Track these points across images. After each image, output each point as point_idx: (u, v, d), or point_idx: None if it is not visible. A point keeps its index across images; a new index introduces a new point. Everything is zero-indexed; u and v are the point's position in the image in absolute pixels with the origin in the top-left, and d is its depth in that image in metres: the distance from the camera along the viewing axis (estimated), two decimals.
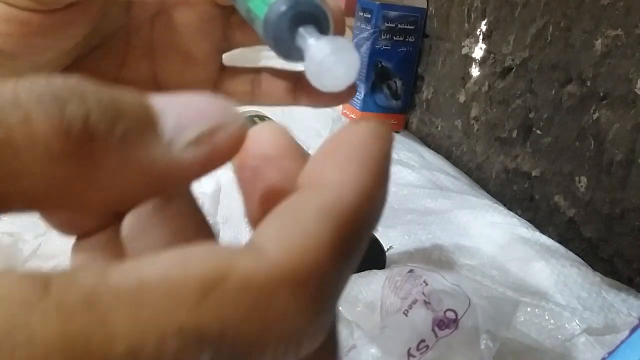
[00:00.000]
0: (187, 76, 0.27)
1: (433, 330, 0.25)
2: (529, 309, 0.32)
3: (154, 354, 0.08)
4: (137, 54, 0.26)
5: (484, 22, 0.60)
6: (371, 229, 0.10)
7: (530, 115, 0.52)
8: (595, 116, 0.44)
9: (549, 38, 0.49)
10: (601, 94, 0.43)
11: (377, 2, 0.71)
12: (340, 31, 0.22)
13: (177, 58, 0.27)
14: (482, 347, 0.26)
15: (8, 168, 0.08)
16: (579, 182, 0.45)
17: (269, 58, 0.22)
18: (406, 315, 0.25)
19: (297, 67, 0.19)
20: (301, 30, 0.18)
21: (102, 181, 0.09)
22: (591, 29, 0.44)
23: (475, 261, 0.40)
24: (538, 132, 0.51)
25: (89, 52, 0.25)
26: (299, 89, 0.27)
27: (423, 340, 0.24)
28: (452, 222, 0.46)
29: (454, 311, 0.26)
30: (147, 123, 0.10)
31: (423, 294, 0.26)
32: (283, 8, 0.17)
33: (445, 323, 0.25)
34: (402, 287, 0.27)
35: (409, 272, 0.28)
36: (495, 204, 0.50)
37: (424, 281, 0.27)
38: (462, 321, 0.26)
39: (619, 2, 0.41)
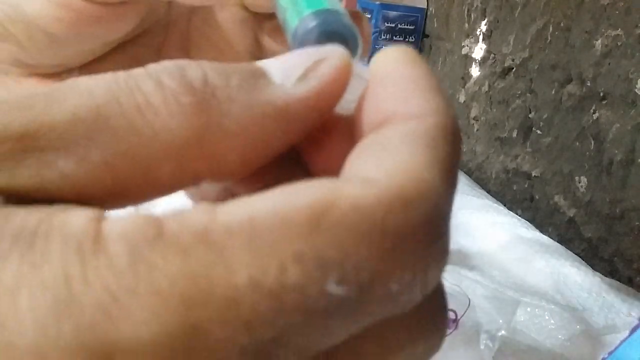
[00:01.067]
0: None
1: None
2: (529, 309, 0.32)
3: (276, 282, 0.08)
4: (173, 44, 0.28)
5: (484, 22, 0.60)
6: (459, 140, 0.11)
7: (530, 115, 0.52)
8: (595, 116, 0.44)
9: (549, 38, 0.49)
10: (601, 94, 0.43)
11: (377, 2, 0.71)
12: (366, 53, 0.23)
13: (209, 53, 0.28)
14: (482, 347, 0.26)
15: (152, 128, 0.10)
16: (579, 182, 0.45)
17: None
18: None
19: None
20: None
21: (232, 128, 0.10)
22: (591, 29, 0.44)
23: (475, 261, 0.40)
24: (538, 132, 0.51)
25: (131, 38, 0.26)
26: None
27: None
28: (452, 222, 0.46)
29: (453, 311, 0.26)
30: (258, 73, 0.11)
31: None
32: (312, 25, 0.18)
33: None
34: None
35: None
36: (496, 204, 0.50)
37: None
38: (462, 321, 0.26)
39: (619, 2, 0.41)
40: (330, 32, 0.18)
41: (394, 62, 0.12)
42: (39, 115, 0.10)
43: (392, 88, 0.11)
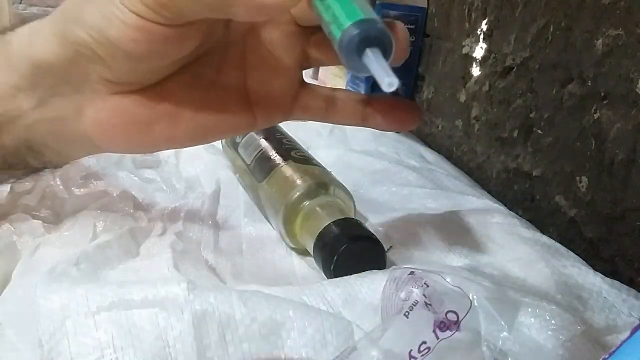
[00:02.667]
0: (271, 86, 0.32)
1: (434, 331, 0.25)
2: (529, 310, 0.32)
3: None
4: (231, 63, 0.31)
5: (484, 22, 0.60)
6: None
7: (531, 115, 0.52)
8: (596, 116, 0.44)
9: (550, 37, 0.49)
10: (602, 94, 0.43)
11: (377, 2, 0.71)
12: (403, 54, 0.28)
13: (263, 69, 0.32)
14: (484, 348, 0.26)
15: None
16: (580, 182, 0.45)
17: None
18: (407, 317, 0.25)
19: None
20: (367, 51, 0.22)
21: None
22: (592, 28, 0.44)
23: (476, 261, 0.40)
24: (539, 132, 0.51)
25: (194, 59, 0.31)
26: (369, 111, 0.32)
27: (424, 342, 0.24)
28: (452, 222, 0.45)
29: (455, 313, 0.26)
30: None
31: (424, 295, 0.26)
32: (354, 33, 0.22)
33: (446, 324, 0.25)
34: (402, 289, 0.27)
35: (409, 274, 0.28)
36: (496, 204, 0.50)
37: (424, 283, 0.27)
38: (463, 323, 0.26)
39: (619, 2, 0.41)
40: (369, 38, 0.22)
41: None
42: None
43: None
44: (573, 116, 0.46)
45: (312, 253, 0.37)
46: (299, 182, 0.41)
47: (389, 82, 0.22)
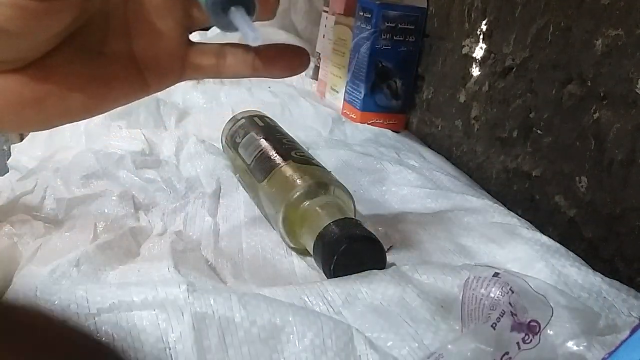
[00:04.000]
0: (157, 49, 0.32)
1: (517, 343, 0.25)
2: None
3: None
4: (115, 31, 0.31)
5: (484, 22, 0.60)
6: None
7: (531, 115, 0.52)
8: (595, 116, 0.44)
9: (550, 38, 0.49)
10: (602, 94, 0.43)
11: (377, 2, 0.71)
12: (269, 12, 0.30)
13: (147, 33, 0.31)
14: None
15: None
16: (580, 182, 0.45)
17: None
18: (494, 329, 0.25)
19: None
20: (232, 9, 0.24)
21: None
22: (592, 28, 0.44)
23: (476, 261, 0.40)
24: (538, 132, 0.51)
25: (76, 31, 0.30)
26: (258, 61, 0.33)
27: (507, 353, 0.24)
28: (452, 222, 0.46)
29: (537, 322, 0.25)
30: None
31: (510, 304, 0.25)
32: None
33: (529, 336, 0.25)
34: (488, 295, 0.26)
35: (493, 275, 0.27)
36: (496, 204, 0.50)
37: (510, 289, 0.26)
38: (544, 332, 0.25)
39: (619, 2, 0.41)
40: None
41: None
42: None
43: None
44: (572, 116, 0.46)
45: (312, 253, 0.37)
46: (299, 182, 0.41)
47: (254, 37, 0.24)
